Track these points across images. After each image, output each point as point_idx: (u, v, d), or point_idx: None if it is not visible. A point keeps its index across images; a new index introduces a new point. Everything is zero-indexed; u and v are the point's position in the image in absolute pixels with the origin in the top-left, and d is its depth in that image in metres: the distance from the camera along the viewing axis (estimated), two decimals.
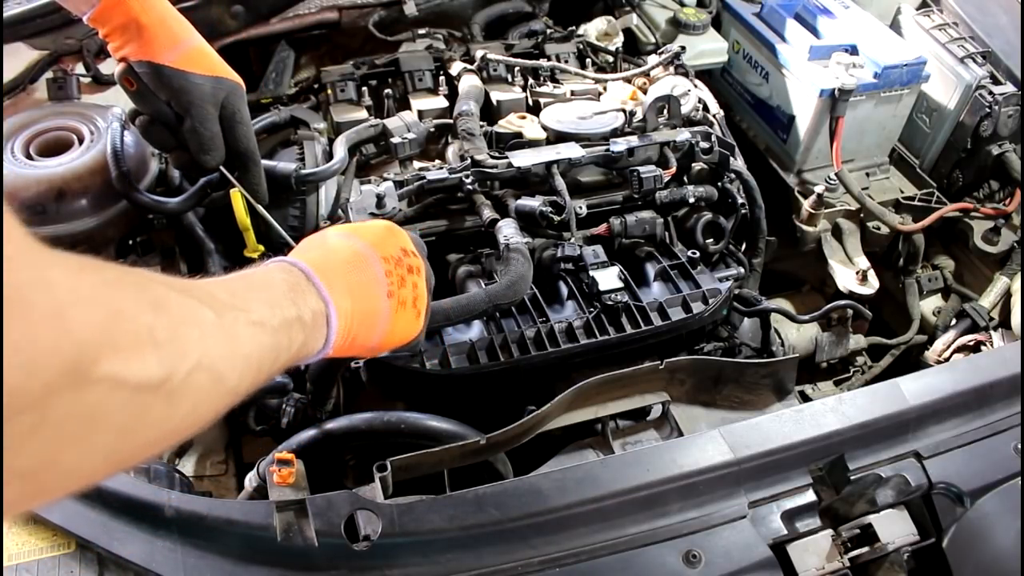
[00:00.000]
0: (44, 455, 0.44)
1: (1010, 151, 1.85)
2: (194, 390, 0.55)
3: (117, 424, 0.49)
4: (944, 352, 1.71)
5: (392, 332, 0.92)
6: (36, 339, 0.42)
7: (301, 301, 0.75)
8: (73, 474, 0.48)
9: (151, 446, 0.55)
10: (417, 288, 0.95)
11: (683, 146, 1.57)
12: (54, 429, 0.44)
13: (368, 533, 0.93)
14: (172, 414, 0.54)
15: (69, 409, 0.44)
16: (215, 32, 1.90)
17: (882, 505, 1.06)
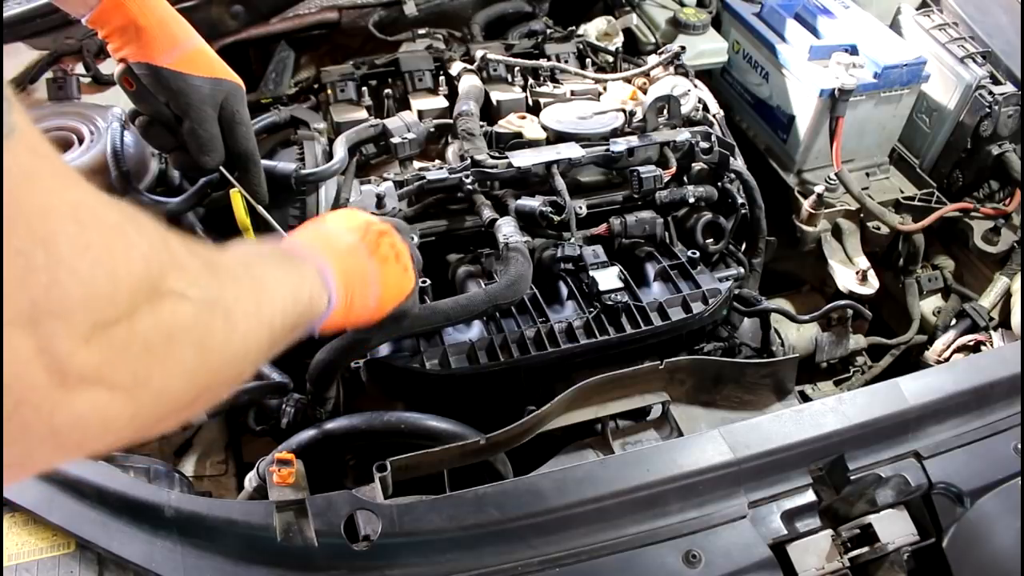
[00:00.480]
0: (137, 371, 0.47)
1: (1010, 151, 1.85)
2: (243, 315, 0.60)
3: (191, 340, 0.52)
4: (944, 352, 1.71)
5: (386, 287, 0.97)
6: (113, 251, 0.45)
7: (296, 262, 0.80)
8: (163, 395, 0.51)
9: (221, 371, 0.58)
10: (395, 246, 1.01)
11: (683, 146, 1.57)
12: (141, 344, 0.47)
13: (368, 533, 0.93)
14: (231, 337, 0.58)
15: (150, 323, 0.48)
16: (215, 32, 1.90)
17: (882, 505, 1.06)
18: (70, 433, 0.44)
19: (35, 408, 0.41)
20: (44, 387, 0.41)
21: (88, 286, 0.43)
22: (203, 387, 0.56)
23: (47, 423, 0.42)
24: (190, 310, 0.52)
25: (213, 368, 0.56)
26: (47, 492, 0.91)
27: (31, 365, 0.40)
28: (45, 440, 0.43)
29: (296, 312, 0.73)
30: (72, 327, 0.42)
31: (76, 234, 0.42)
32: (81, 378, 0.43)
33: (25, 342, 0.40)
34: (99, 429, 0.46)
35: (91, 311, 0.43)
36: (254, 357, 0.64)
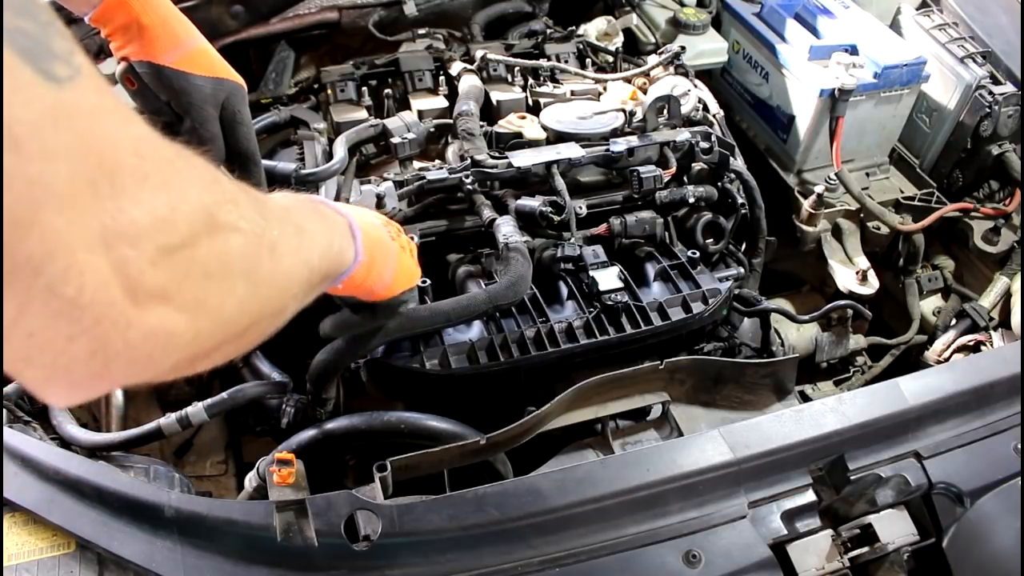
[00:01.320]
0: (198, 293, 0.52)
1: (1010, 151, 1.85)
2: (286, 251, 0.65)
3: (243, 269, 0.57)
4: (944, 352, 1.71)
5: (401, 269, 1.02)
6: (169, 183, 0.49)
7: (328, 215, 0.84)
8: (220, 319, 0.55)
9: (268, 302, 0.63)
10: (409, 243, 1.08)
11: (683, 146, 1.57)
12: (201, 269, 0.52)
13: (368, 533, 0.93)
14: (277, 270, 0.63)
15: (208, 251, 0.52)
16: (215, 32, 1.90)
17: (882, 505, 1.06)
18: (142, 346, 0.48)
19: (113, 323, 0.45)
20: (120, 304, 0.46)
21: (150, 214, 0.47)
22: (253, 316, 0.60)
23: (123, 337, 0.46)
24: (242, 241, 0.57)
25: (261, 298, 0.61)
26: (47, 492, 0.91)
27: (109, 285, 0.45)
28: (121, 353, 0.47)
29: (329, 258, 0.79)
30: (141, 251, 0.46)
31: (136, 166, 0.46)
32: (151, 296, 0.47)
33: (101, 263, 0.44)
34: (166, 345, 0.50)
35: (155, 237, 0.47)
36: (295, 293, 0.69)
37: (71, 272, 0.42)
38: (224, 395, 1.24)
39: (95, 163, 0.44)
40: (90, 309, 0.44)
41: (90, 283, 0.43)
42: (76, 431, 1.19)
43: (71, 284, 0.42)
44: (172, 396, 1.50)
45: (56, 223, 0.41)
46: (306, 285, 0.71)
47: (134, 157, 0.47)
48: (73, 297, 0.43)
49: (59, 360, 0.45)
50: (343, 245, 0.84)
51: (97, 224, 0.44)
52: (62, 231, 0.41)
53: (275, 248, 0.62)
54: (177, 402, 1.36)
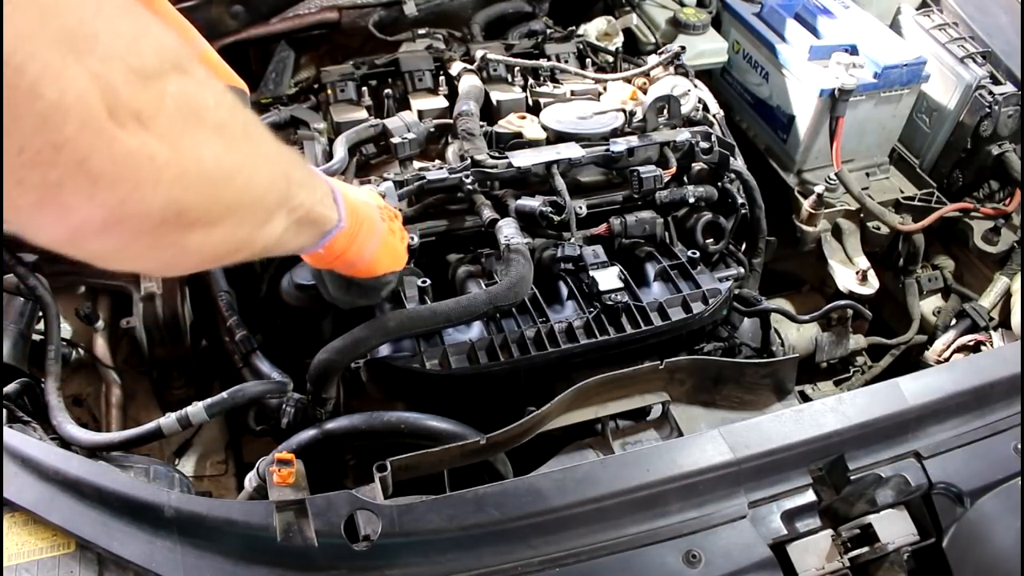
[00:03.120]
0: (173, 127, 0.52)
1: (1010, 151, 1.85)
2: (262, 141, 0.66)
3: (217, 120, 0.57)
4: (944, 352, 1.71)
5: (385, 248, 1.03)
6: (137, 22, 0.51)
7: (311, 170, 0.87)
8: (199, 166, 0.55)
9: (248, 172, 0.63)
10: (401, 229, 1.10)
11: (683, 146, 1.57)
12: (173, 104, 0.52)
13: (368, 533, 0.93)
14: (252, 147, 0.63)
15: (179, 89, 0.53)
16: (215, 32, 1.90)
17: (882, 505, 1.06)
18: (126, 165, 0.48)
19: (96, 132, 0.45)
20: (100, 116, 0.45)
21: (113, 32, 0.47)
22: (234, 188, 0.60)
23: (108, 150, 0.46)
24: (212, 95, 0.57)
25: (239, 164, 0.60)
26: (47, 492, 0.91)
27: (88, 94, 0.44)
28: (106, 172, 0.47)
29: (313, 197, 0.80)
30: (112, 67, 0.46)
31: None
32: (129, 115, 0.47)
33: (77, 72, 0.44)
34: (151, 170, 0.50)
35: (124, 57, 0.47)
36: (275, 196, 0.69)
37: (48, 74, 0.42)
38: (224, 395, 1.24)
39: None
40: (72, 114, 0.44)
41: (70, 88, 0.43)
42: (76, 431, 1.19)
43: (51, 87, 0.42)
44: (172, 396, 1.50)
45: (25, 23, 0.41)
46: (286, 195, 0.71)
47: None
48: (55, 100, 0.43)
49: (48, 175, 0.44)
50: (326, 202, 0.86)
51: (61, 29, 0.44)
52: (33, 33, 0.42)
53: (248, 126, 0.63)
54: (177, 402, 1.36)
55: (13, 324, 1.44)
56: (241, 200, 0.64)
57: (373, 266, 1.05)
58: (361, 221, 0.96)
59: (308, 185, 0.80)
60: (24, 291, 1.45)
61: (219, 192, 0.59)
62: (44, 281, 1.45)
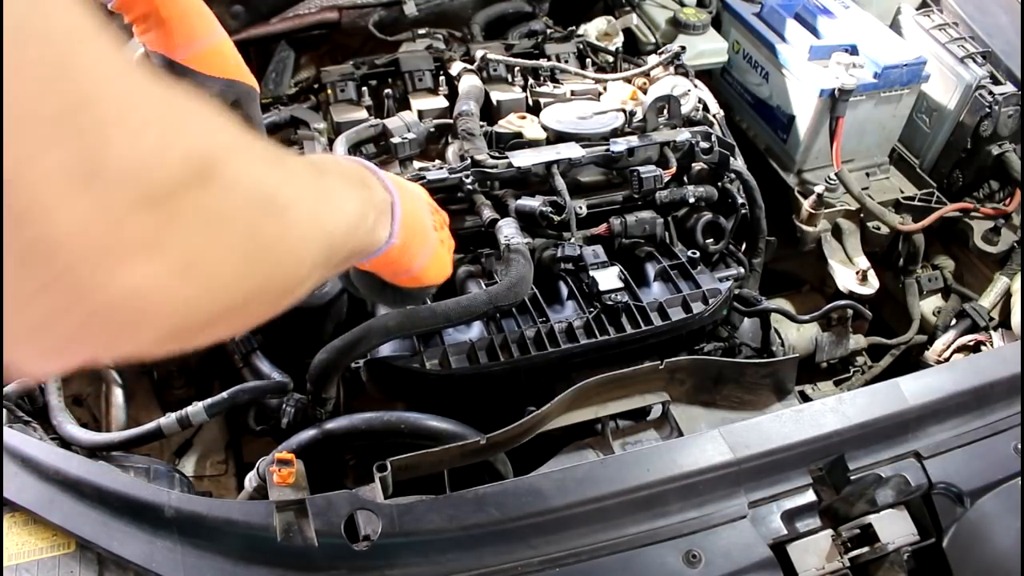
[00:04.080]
0: (188, 248, 0.45)
1: (1010, 151, 1.85)
2: (301, 216, 0.58)
3: (241, 228, 0.50)
4: (944, 352, 1.71)
5: (435, 260, 0.98)
6: (164, 121, 0.43)
7: (371, 185, 0.81)
8: (214, 282, 0.49)
9: (273, 272, 0.56)
10: (450, 238, 1.04)
11: (683, 146, 1.57)
12: (191, 221, 0.45)
13: (368, 533, 0.93)
14: (285, 235, 0.56)
15: (201, 202, 0.46)
16: None
17: (882, 505, 1.06)
18: (124, 306, 0.42)
19: (91, 271, 0.40)
20: (99, 251, 0.40)
21: (134, 152, 0.41)
22: (255, 286, 0.54)
23: (103, 291, 0.41)
24: (243, 197, 0.50)
25: (265, 264, 0.54)
26: (47, 492, 0.91)
27: (87, 226, 0.39)
28: (98, 313, 0.41)
29: (358, 234, 0.76)
30: (123, 192, 0.40)
31: (121, 98, 0.40)
32: (134, 247, 0.41)
33: (78, 201, 0.38)
34: (151, 308, 0.44)
35: (140, 178, 0.41)
36: (310, 265, 0.61)
37: (43, 203, 0.37)
38: (224, 395, 1.24)
39: (71, 88, 0.37)
40: (64, 250, 0.38)
41: (65, 220, 0.38)
42: (76, 431, 1.19)
43: (42, 217, 0.37)
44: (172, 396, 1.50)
45: (24, 148, 0.36)
46: (324, 258, 0.64)
47: (120, 90, 0.41)
48: (46, 233, 0.37)
49: (29, 314, 0.39)
50: (378, 222, 0.80)
51: (70, 155, 0.37)
52: (31, 157, 0.36)
53: (287, 210, 0.56)
54: (177, 402, 1.36)
55: None
56: (267, 301, 0.57)
57: (419, 278, 0.99)
58: (414, 234, 0.89)
59: (357, 227, 0.74)
60: None
61: (236, 302, 0.52)
62: None
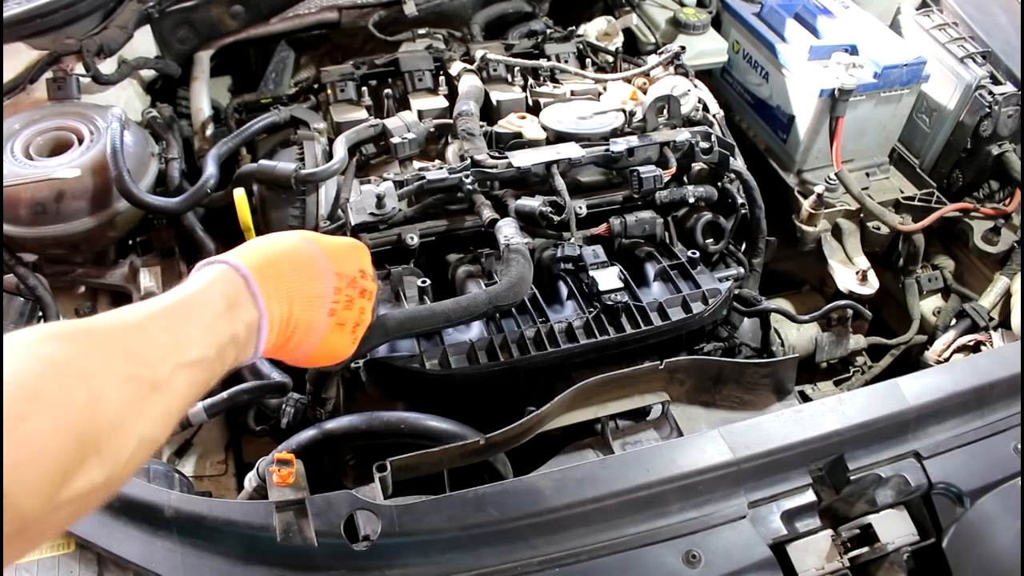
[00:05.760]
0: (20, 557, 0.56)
1: (1010, 151, 1.85)
2: (134, 464, 0.62)
3: (62, 528, 0.61)
4: (944, 352, 1.71)
5: (322, 350, 0.93)
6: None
7: (237, 317, 0.78)
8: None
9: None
10: (363, 314, 0.97)
11: (683, 146, 1.57)
12: (33, 541, 0.56)
13: (368, 533, 0.93)
14: (112, 492, 0.62)
15: (46, 529, 0.56)
16: (215, 32, 1.90)
17: (882, 505, 1.06)
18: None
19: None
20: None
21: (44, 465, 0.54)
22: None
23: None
24: (79, 506, 0.58)
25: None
26: None
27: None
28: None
29: (210, 386, 0.74)
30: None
31: None
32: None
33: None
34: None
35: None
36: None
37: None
38: (224, 395, 1.24)
39: None
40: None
41: None
42: None
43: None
44: None
45: None
46: (152, 443, 0.65)
47: None
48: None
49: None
50: (241, 352, 0.79)
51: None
52: None
53: (114, 483, 0.60)
54: None
55: (13, 324, 1.44)
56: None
57: (303, 363, 0.96)
58: (291, 333, 0.86)
59: (215, 376, 0.74)
60: (24, 291, 1.45)
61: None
62: (44, 281, 1.46)
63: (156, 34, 1.85)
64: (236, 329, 0.77)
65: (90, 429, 0.57)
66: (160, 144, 1.61)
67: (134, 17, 1.75)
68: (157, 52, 1.86)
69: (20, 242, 1.43)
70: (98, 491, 0.58)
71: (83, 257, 1.54)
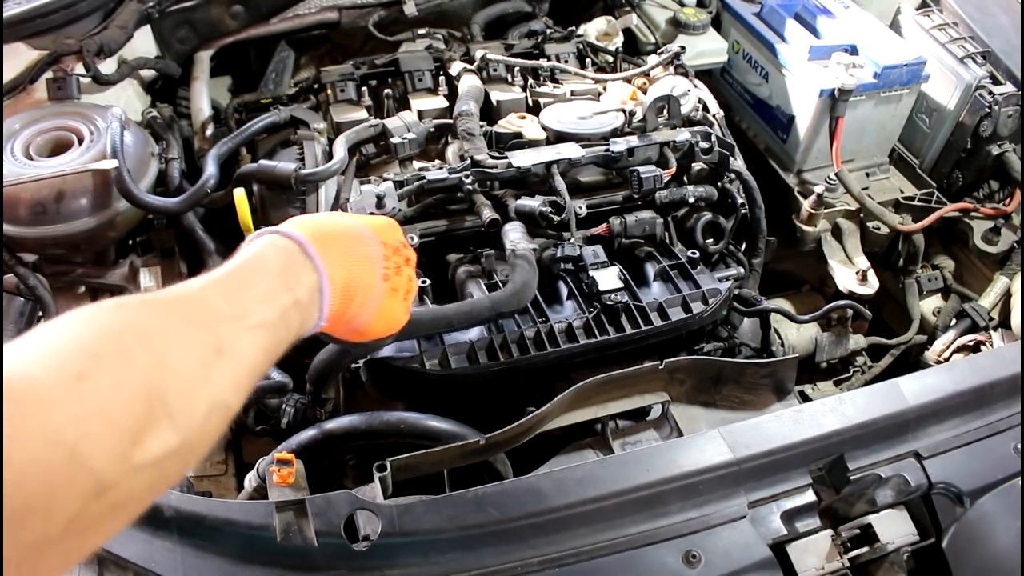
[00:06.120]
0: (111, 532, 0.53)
1: (1010, 151, 1.85)
2: (210, 431, 0.60)
3: (145, 499, 0.55)
4: (944, 352, 1.71)
5: (381, 315, 0.91)
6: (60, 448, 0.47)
7: (295, 280, 0.76)
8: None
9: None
10: (411, 280, 0.96)
11: (683, 146, 1.57)
12: (116, 511, 0.52)
13: (368, 533, 0.93)
14: (189, 461, 0.59)
15: (128, 496, 0.52)
16: (215, 32, 1.90)
17: (882, 505, 1.06)
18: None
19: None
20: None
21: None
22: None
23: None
24: (150, 473, 0.54)
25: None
26: None
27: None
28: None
29: (279, 353, 0.73)
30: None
31: None
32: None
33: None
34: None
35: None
36: (215, 441, 0.63)
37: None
38: None
39: None
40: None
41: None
42: None
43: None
44: None
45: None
46: (224, 408, 0.63)
47: None
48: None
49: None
50: (305, 317, 0.77)
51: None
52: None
53: (189, 450, 0.57)
54: None
55: (13, 324, 1.44)
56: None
57: (364, 334, 0.93)
58: (351, 299, 0.84)
59: (271, 342, 0.70)
60: (24, 291, 1.45)
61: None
62: (44, 281, 1.46)
63: (156, 34, 1.85)
64: (297, 293, 0.75)
65: (156, 389, 0.54)
66: (160, 144, 1.61)
67: (134, 17, 1.75)
68: (157, 52, 1.86)
69: (20, 242, 1.43)
70: (174, 457, 0.55)
71: (83, 257, 1.54)
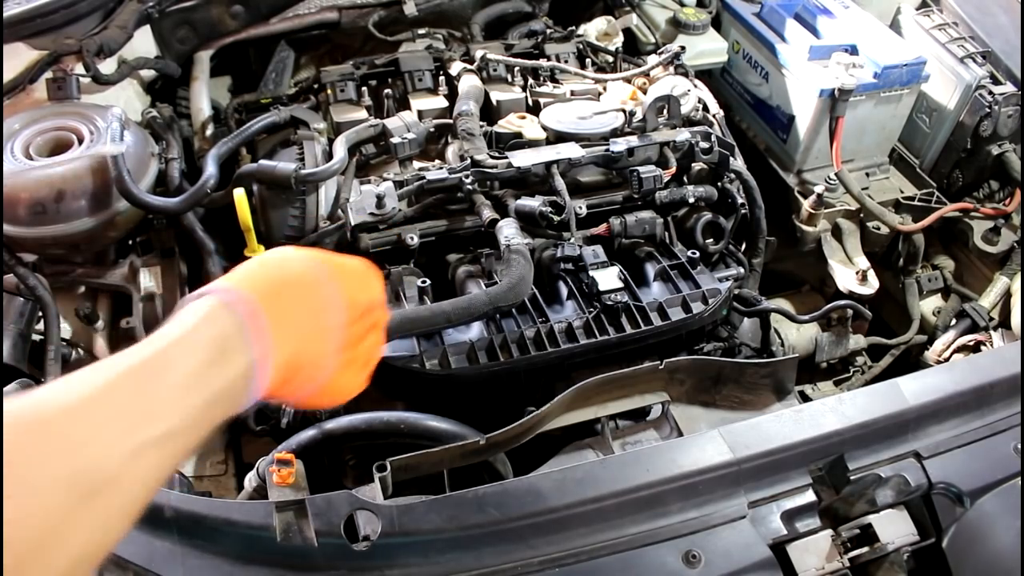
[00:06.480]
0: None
1: (1010, 151, 1.85)
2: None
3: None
4: (944, 352, 1.71)
5: (326, 391, 0.81)
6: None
7: (229, 365, 0.66)
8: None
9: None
10: (373, 349, 0.86)
11: (683, 146, 1.57)
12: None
13: (368, 533, 0.93)
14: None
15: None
16: (215, 32, 1.90)
17: (882, 505, 1.05)
18: None
19: None
20: None
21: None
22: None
23: None
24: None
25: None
26: None
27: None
28: None
29: (192, 449, 0.65)
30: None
31: None
32: None
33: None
34: None
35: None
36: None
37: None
38: None
39: None
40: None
41: None
42: None
43: None
44: None
45: None
46: (93, 557, 0.57)
47: None
48: None
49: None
50: (233, 400, 0.67)
51: None
52: None
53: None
54: None
55: (13, 324, 1.44)
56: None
57: (301, 405, 0.87)
58: (296, 372, 0.74)
59: (195, 441, 0.63)
60: (24, 291, 1.45)
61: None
62: (44, 281, 1.45)
63: (156, 34, 1.85)
64: (227, 380, 0.65)
65: (11, 551, 0.49)
66: (160, 144, 1.61)
67: (134, 17, 1.75)
68: (157, 52, 1.86)
69: (20, 242, 1.43)
70: None
71: (83, 257, 1.54)
